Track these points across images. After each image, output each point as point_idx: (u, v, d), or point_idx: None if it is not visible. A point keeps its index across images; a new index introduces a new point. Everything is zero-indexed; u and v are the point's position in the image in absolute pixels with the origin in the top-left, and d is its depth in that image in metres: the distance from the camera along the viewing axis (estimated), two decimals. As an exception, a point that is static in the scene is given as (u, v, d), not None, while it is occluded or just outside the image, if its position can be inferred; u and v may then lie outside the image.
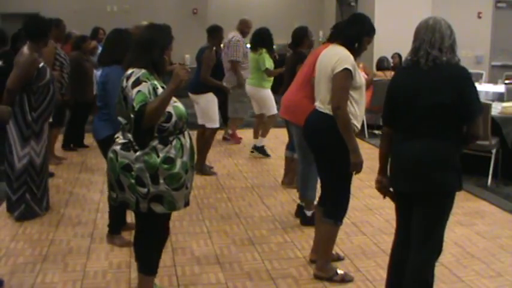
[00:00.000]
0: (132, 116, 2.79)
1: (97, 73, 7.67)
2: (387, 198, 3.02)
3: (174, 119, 2.85)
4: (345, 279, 3.55)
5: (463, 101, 2.64)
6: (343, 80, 3.33)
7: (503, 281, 3.58)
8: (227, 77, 7.81)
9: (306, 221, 4.56)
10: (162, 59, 2.95)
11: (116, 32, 4.16)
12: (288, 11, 13.54)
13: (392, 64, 9.53)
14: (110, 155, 2.92)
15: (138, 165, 2.82)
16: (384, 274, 3.59)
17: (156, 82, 2.87)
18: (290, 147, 5.51)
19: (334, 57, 3.40)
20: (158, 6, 12.57)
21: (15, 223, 4.50)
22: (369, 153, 7.09)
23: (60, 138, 7.05)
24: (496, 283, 3.54)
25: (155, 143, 2.83)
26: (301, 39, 5.51)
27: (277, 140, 7.89)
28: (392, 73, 8.74)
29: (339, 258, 3.85)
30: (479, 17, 12.26)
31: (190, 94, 6.18)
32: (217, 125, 6.18)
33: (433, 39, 2.69)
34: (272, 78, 6.89)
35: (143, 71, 2.85)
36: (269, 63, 6.71)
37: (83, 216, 4.70)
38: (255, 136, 7.27)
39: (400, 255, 2.95)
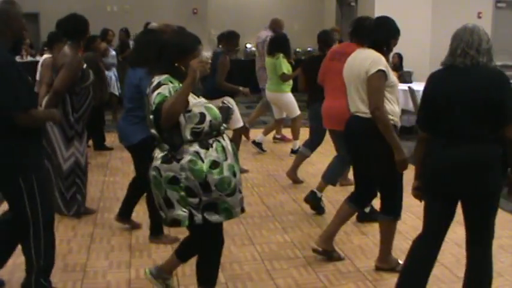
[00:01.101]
0: (151, 117, 2.72)
1: (108, 74, 7.69)
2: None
3: (208, 118, 2.75)
4: None
5: (501, 101, 2.66)
6: (378, 82, 3.39)
7: (503, 281, 3.59)
8: (262, 75, 7.81)
9: (311, 199, 4.79)
10: (173, 66, 2.80)
11: (146, 33, 4.12)
12: (288, 11, 13.53)
13: (392, 64, 9.52)
14: (152, 172, 2.80)
15: (185, 175, 2.71)
16: (383, 274, 3.61)
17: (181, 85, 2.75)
18: (307, 144, 5.59)
19: (367, 60, 3.45)
20: (158, 6, 12.57)
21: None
22: (369, 153, 7.10)
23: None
24: (496, 283, 3.52)
25: (196, 147, 2.73)
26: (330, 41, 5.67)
27: (278, 140, 7.89)
28: (393, 73, 8.82)
29: (339, 258, 3.85)
30: (479, 17, 12.25)
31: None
32: (241, 124, 6.17)
33: (470, 40, 2.73)
34: (291, 81, 6.88)
35: (165, 76, 2.77)
36: (286, 68, 6.67)
37: (83, 216, 4.69)
38: (265, 133, 7.31)
39: (424, 253, 2.98)
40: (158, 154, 2.80)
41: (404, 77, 8.55)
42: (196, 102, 2.77)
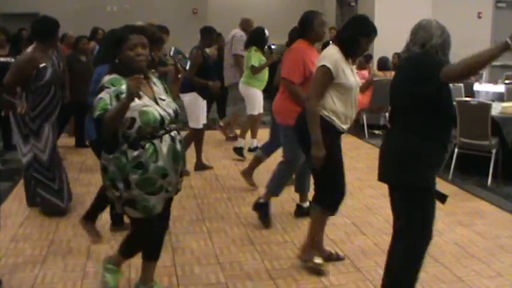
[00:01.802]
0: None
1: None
2: (387, 199, 3.03)
3: (137, 125, 2.73)
4: (319, 270, 3.61)
5: (425, 78, 2.68)
6: (318, 75, 3.44)
7: (503, 281, 3.58)
8: (227, 73, 7.80)
9: (301, 213, 4.72)
10: (116, 62, 2.86)
11: (110, 32, 4.16)
12: (288, 11, 13.52)
13: (392, 64, 9.53)
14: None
15: (111, 168, 2.81)
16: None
17: (124, 87, 2.73)
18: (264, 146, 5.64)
19: (321, 55, 3.53)
20: (158, 6, 12.57)
21: (15, 223, 4.50)
22: (369, 153, 7.10)
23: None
24: (496, 283, 3.54)
25: (125, 147, 2.78)
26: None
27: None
28: (393, 73, 8.83)
29: (338, 258, 3.85)
30: (479, 17, 12.27)
31: (179, 94, 6.22)
32: (199, 126, 6.10)
33: (417, 36, 2.82)
34: (264, 79, 6.82)
35: (112, 76, 2.80)
36: (256, 61, 6.63)
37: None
38: (253, 136, 7.24)
39: (392, 244, 3.01)
40: None
41: (405, 77, 8.54)
42: (132, 106, 2.71)
